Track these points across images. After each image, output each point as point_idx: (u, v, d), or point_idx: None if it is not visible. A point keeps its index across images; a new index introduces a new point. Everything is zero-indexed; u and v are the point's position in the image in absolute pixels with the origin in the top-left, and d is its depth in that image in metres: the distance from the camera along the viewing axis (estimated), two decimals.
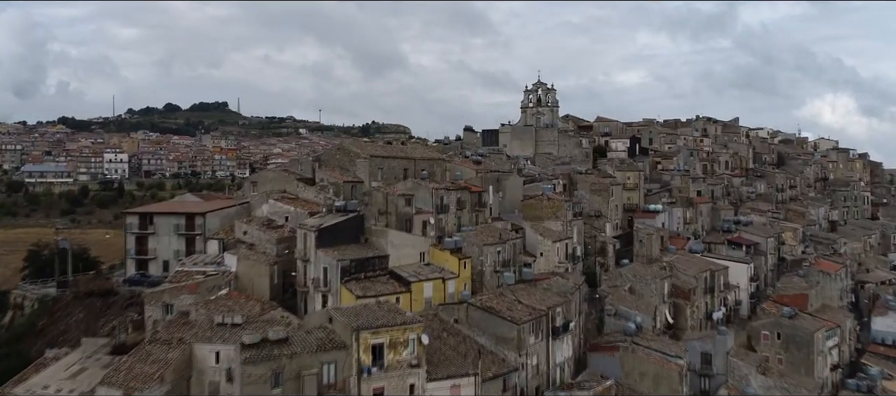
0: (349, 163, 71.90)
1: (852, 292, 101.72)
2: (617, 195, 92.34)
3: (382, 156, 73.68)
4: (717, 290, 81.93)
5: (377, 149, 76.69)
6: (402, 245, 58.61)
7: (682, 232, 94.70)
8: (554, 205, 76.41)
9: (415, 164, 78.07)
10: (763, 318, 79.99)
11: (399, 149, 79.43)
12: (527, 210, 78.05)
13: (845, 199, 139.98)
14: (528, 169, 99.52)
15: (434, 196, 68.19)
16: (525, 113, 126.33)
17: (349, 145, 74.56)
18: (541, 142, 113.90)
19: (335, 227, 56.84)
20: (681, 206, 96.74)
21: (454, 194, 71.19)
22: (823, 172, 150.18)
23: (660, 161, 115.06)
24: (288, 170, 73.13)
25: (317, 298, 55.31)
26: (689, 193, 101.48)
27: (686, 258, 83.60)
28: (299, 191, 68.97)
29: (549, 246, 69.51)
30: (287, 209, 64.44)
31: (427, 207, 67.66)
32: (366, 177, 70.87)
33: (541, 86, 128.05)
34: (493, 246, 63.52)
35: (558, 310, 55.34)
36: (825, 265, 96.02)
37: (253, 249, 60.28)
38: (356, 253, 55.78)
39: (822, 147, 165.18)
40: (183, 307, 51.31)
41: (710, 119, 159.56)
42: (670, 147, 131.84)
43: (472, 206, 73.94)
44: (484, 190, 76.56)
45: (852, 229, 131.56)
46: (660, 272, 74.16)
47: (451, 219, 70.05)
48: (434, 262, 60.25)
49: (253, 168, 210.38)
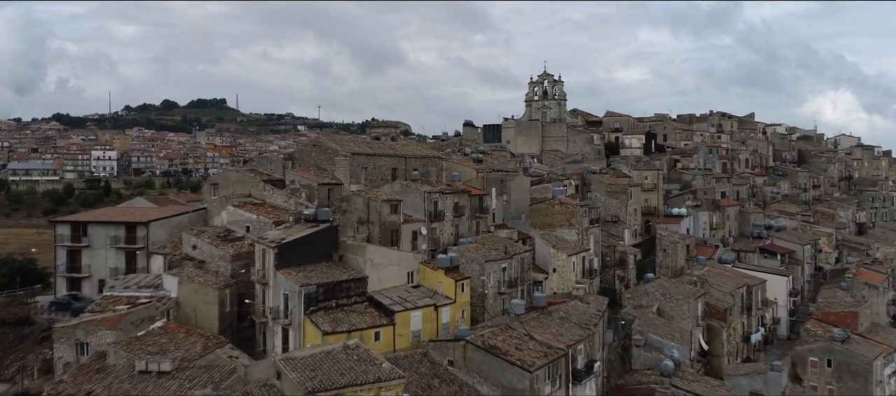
0: (327, 162, 59.59)
1: (894, 304, 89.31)
2: (636, 197, 79.94)
3: (366, 155, 61.32)
4: (755, 308, 69.59)
5: (360, 145, 64.39)
6: (386, 263, 46.29)
7: (709, 240, 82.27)
8: (567, 211, 64.01)
9: (405, 164, 65.70)
10: (808, 341, 67.44)
11: (387, 147, 67.07)
12: (535, 216, 65.68)
13: (873, 200, 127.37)
14: (535, 168, 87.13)
15: (427, 201, 55.86)
16: (530, 107, 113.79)
17: (326, 141, 62.33)
18: (548, 139, 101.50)
19: (301, 242, 44.51)
20: (706, 210, 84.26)
21: (451, 198, 58.85)
22: (847, 171, 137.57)
23: (678, 159, 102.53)
24: (255, 171, 60.82)
25: (276, 332, 43.03)
26: (715, 195, 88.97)
27: (717, 270, 71.16)
28: (267, 195, 56.67)
29: (564, 261, 57.18)
30: (248, 217, 52.12)
31: (418, 214, 55.34)
32: (346, 179, 58.55)
33: (547, 77, 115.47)
34: (497, 263, 51.20)
35: (579, 347, 43.00)
36: (868, 275, 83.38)
37: (203, 268, 47.96)
38: (326, 275, 43.44)
39: (843, 144, 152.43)
40: (100, 346, 39.23)
41: (725, 114, 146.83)
42: (687, 144, 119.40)
43: (472, 213, 61.61)
44: (486, 193, 64.19)
45: (882, 232, 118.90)
46: (692, 289, 61.78)
47: (446, 229, 57.70)
48: (425, 284, 47.94)
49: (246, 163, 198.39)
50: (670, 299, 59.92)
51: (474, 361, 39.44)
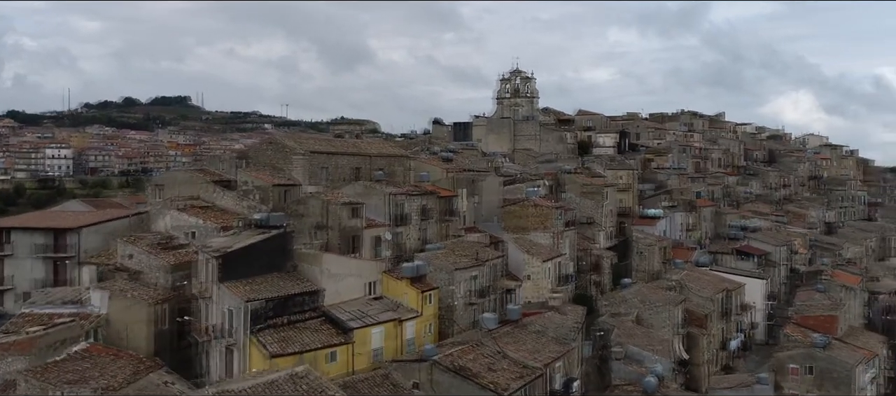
0: (283, 162, 54.50)
1: (866, 305, 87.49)
2: (611, 198, 76.37)
3: (326, 153, 56.36)
4: (733, 313, 66.56)
5: (320, 143, 59.39)
6: (344, 273, 41.55)
7: (685, 242, 79.18)
8: (541, 213, 60.00)
9: (369, 163, 60.90)
10: (788, 347, 64.60)
11: (349, 145, 62.19)
12: (508, 218, 61.56)
13: (842, 199, 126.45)
14: (506, 167, 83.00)
15: (391, 203, 51.21)
16: (501, 104, 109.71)
17: (282, 139, 57.21)
18: (519, 137, 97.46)
19: (248, 251, 39.50)
20: (682, 211, 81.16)
21: (417, 200, 54.29)
22: (816, 170, 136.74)
23: (652, 158, 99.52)
24: (204, 170, 55.42)
25: (219, 352, 37.98)
26: (690, 195, 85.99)
27: (695, 274, 67.95)
28: (216, 197, 51.31)
29: (539, 268, 53.09)
30: (193, 222, 46.79)
31: (381, 218, 50.66)
32: (303, 180, 53.55)
33: (518, 74, 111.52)
34: (467, 271, 46.86)
35: (557, 365, 38.87)
36: (843, 277, 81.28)
37: (138, 280, 42.57)
38: (276, 288, 38.53)
39: (810, 144, 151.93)
40: (9, 374, 33.79)
41: (695, 113, 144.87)
42: (659, 142, 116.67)
43: (441, 216, 57.16)
44: (455, 194, 59.81)
45: (852, 232, 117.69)
46: (671, 295, 58.29)
47: (412, 234, 53.12)
48: (388, 295, 43.36)
49: None
50: (649, 306, 56.30)
51: (442, 384, 35.02)
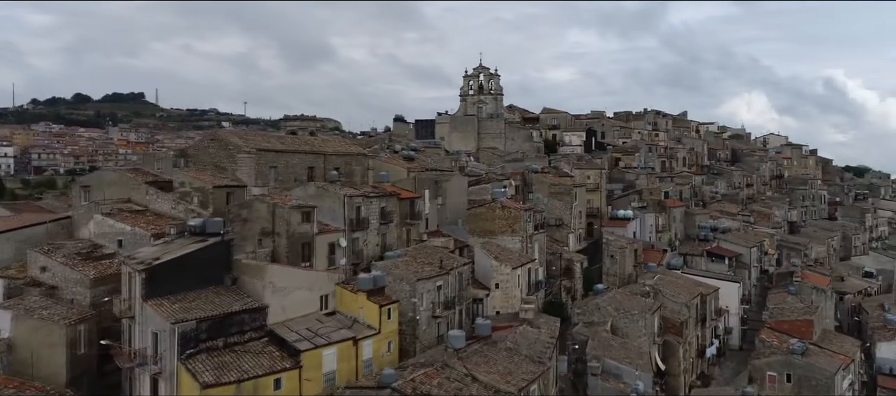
0: (227, 161, 48.99)
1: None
2: (580, 199, 72.69)
3: (276, 151, 51.02)
4: (709, 319, 63.51)
5: (269, 141, 53.94)
6: (292, 287, 36.47)
7: (657, 243, 76.07)
8: (510, 216, 55.73)
9: (324, 162, 55.75)
10: (764, 353, 61.78)
11: (303, 142, 56.85)
12: (474, 221, 57.14)
13: (804, 199, 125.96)
14: (472, 167, 78.71)
15: (347, 206, 46.24)
16: (465, 101, 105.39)
17: (227, 135, 51.50)
18: (484, 135, 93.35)
19: (180, 263, 34.14)
20: (652, 211, 78.06)
21: (376, 203, 49.41)
22: (778, 169, 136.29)
23: (620, 157, 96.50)
24: (138, 170, 49.52)
25: (143, 382, 32.57)
26: (659, 195, 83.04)
27: (668, 278, 64.71)
28: (150, 200, 45.58)
29: (508, 275, 48.76)
30: (120, 228, 41.08)
31: (337, 223, 45.68)
32: (250, 180, 48.15)
33: (483, 71, 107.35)
34: (431, 280, 42.25)
35: (533, 388, 34.52)
36: (813, 278, 79.32)
37: (53, 296, 36.78)
38: (212, 305, 33.27)
39: (772, 143, 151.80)
40: None
41: (659, 112, 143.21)
42: (625, 141, 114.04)
43: (402, 219, 52.42)
44: (418, 196, 55.12)
45: (814, 231, 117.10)
46: (647, 302, 54.70)
47: (371, 239, 48.26)
48: (343, 311, 38.45)
49: None
50: (625, 314, 52.56)
51: None
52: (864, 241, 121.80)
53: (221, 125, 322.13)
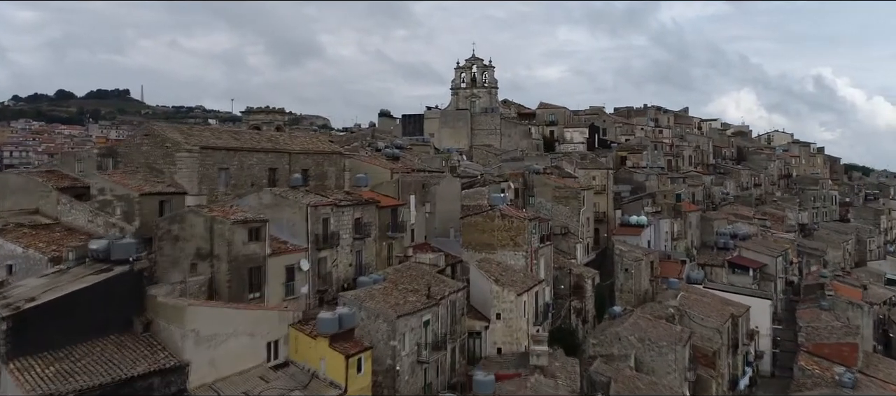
0: (165, 161, 38.80)
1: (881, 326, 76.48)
2: (588, 204, 63.03)
3: (226, 150, 40.83)
4: (741, 344, 54.09)
5: (219, 137, 43.63)
6: (225, 333, 26.48)
7: (673, 253, 66.53)
8: (512, 227, 45.92)
9: (290, 163, 45.61)
10: (806, 384, 52.15)
11: (263, 139, 46.59)
12: (469, 233, 47.27)
13: (815, 199, 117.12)
14: (465, 166, 68.86)
15: (312, 218, 36.24)
16: (457, 95, 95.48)
17: (163, 130, 41.21)
18: (478, 132, 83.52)
19: (66, 305, 24.08)
20: (667, 217, 68.51)
21: (350, 213, 39.43)
22: (786, 169, 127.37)
23: (625, 155, 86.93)
24: (54, 172, 39.32)
25: None
26: (672, 198, 73.52)
27: (693, 296, 55.25)
28: (62, 210, 35.42)
29: (513, 303, 38.95)
30: (11, 250, 30.89)
31: (298, 240, 35.68)
32: (192, 186, 38.00)
33: (476, 62, 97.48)
34: (416, 315, 32.43)
35: None
36: (845, 290, 70.07)
37: None
38: (106, 367, 23.22)
39: (777, 141, 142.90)
40: None
41: (660, 108, 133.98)
42: (628, 138, 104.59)
43: (382, 232, 42.48)
44: (402, 203, 45.20)
45: (827, 234, 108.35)
46: (675, 331, 45.09)
47: (343, 259, 38.29)
48: (298, 361, 28.51)
49: None
50: (651, 346, 42.92)
51: None
52: (880, 244, 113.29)
53: (208, 122, 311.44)
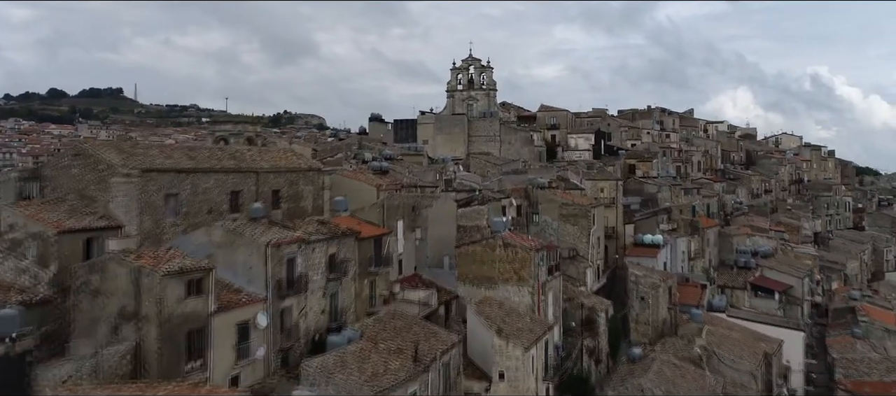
0: (98, 187, 31.59)
1: None
2: (599, 222, 55.99)
3: (176, 171, 33.51)
4: (774, 384, 47.12)
5: (168, 155, 35.85)
6: None
7: (691, 275, 59.54)
8: (516, 258, 38.80)
9: (258, 183, 38.36)
10: None
11: (225, 156, 39.05)
12: (466, 263, 40.11)
13: (828, 206, 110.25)
14: (461, 178, 61.73)
15: (273, 260, 29.08)
16: (453, 98, 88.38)
17: (97, 149, 33.52)
18: (476, 138, 76.43)
19: None
20: (684, 234, 61.51)
21: (322, 250, 32.26)
22: (797, 173, 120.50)
23: (634, 164, 79.90)
24: None
25: None
26: (689, 212, 66.48)
27: (719, 329, 48.32)
28: None
29: (519, 359, 31.90)
30: None
31: (255, 287, 28.54)
32: (129, 218, 30.76)
33: (473, 62, 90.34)
34: (401, 387, 25.38)
35: None
36: (876, 313, 63.23)
37: None
38: None
39: (785, 144, 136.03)
40: None
41: (665, 110, 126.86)
42: (634, 144, 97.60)
43: (364, 267, 35.36)
44: (387, 231, 38.06)
45: (842, 243, 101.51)
46: (709, 379, 38.14)
47: (314, 306, 31.14)
48: None
49: None
50: None
51: None
52: None
53: (202, 121, 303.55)
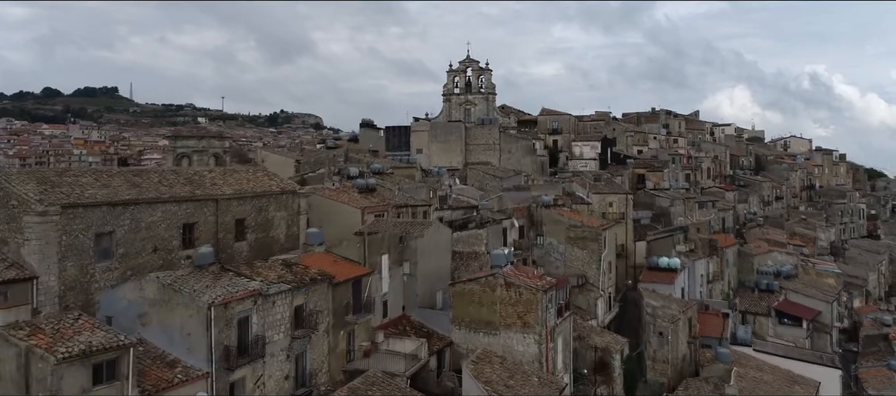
0: (10, 228, 25.51)
1: None
2: (610, 246, 49.88)
3: (109, 205, 27.22)
4: None
5: (105, 183, 29.30)
6: None
7: (710, 301, 53.41)
8: (520, 300, 32.78)
9: (217, 213, 32.15)
10: None
11: (178, 179, 32.31)
12: (462, 304, 34.00)
13: (842, 214, 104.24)
14: (457, 193, 55.53)
15: (218, 324, 22.93)
16: (449, 102, 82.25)
17: (12, 180, 26.68)
18: (474, 147, 70.19)
19: None
20: (702, 254, 55.43)
21: (286, 301, 26.14)
22: (809, 179, 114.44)
23: (643, 174, 73.74)
24: None
25: None
26: (706, 229, 60.36)
27: (749, 370, 42.38)
28: None
29: None
30: None
31: (196, 359, 22.43)
32: (44, 267, 24.62)
33: (471, 64, 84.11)
34: None
35: None
36: None
37: None
38: None
39: (794, 147, 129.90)
40: None
41: (670, 112, 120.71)
42: (641, 150, 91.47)
43: (340, 317, 29.26)
44: (367, 271, 31.89)
45: (859, 254, 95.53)
46: None
47: (275, 372, 24.96)
48: None
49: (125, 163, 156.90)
50: None
51: None
52: None
53: (197, 121, 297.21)
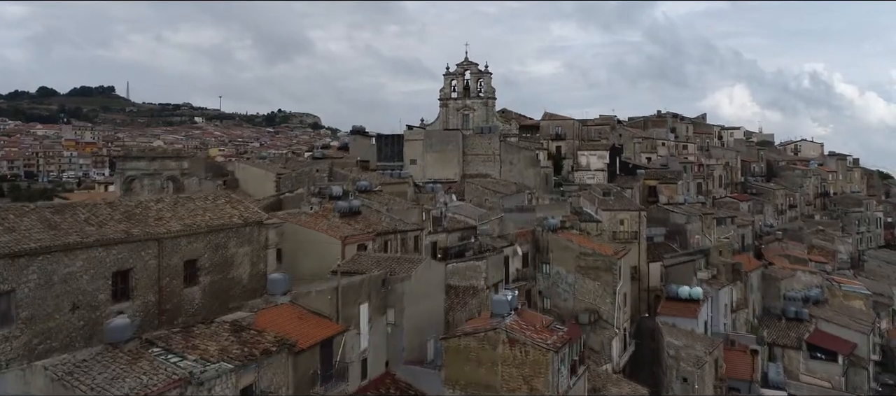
0: None
1: None
2: (625, 276, 43.83)
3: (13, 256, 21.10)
4: None
5: (6, 227, 23.18)
6: None
7: (735, 334, 47.36)
8: (526, 361, 26.84)
9: (160, 256, 26.18)
10: None
11: (116, 216, 25.94)
12: (456, 362, 28.07)
13: (859, 223, 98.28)
14: (453, 211, 49.45)
15: None
16: (446, 108, 76.25)
17: None
18: (473, 158, 64.14)
19: None
20: (725, 280, 49.39)
21: (230, 382, 20.13)
22: (823, 186, 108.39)
23: (655, 186, 67.66)
24: None
25: None
26: (729, 252, 54.30)
27: None
28: None
29: None
30: None
31: None
32: None
33: (469, 67, 78.01)
34: None
35: None
36: None
37: None
38: None
39: (805, 151, 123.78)
40: None
41: (677, 115, 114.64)
42: (650, 157, 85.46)
43: (305, 389, 23.27)
44: (341, 329, 25.87)
45: (878, 266, 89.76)
46: None
47: None
48: None
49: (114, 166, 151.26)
50: None
51: None
52: None
53: (194, 120, 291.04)
